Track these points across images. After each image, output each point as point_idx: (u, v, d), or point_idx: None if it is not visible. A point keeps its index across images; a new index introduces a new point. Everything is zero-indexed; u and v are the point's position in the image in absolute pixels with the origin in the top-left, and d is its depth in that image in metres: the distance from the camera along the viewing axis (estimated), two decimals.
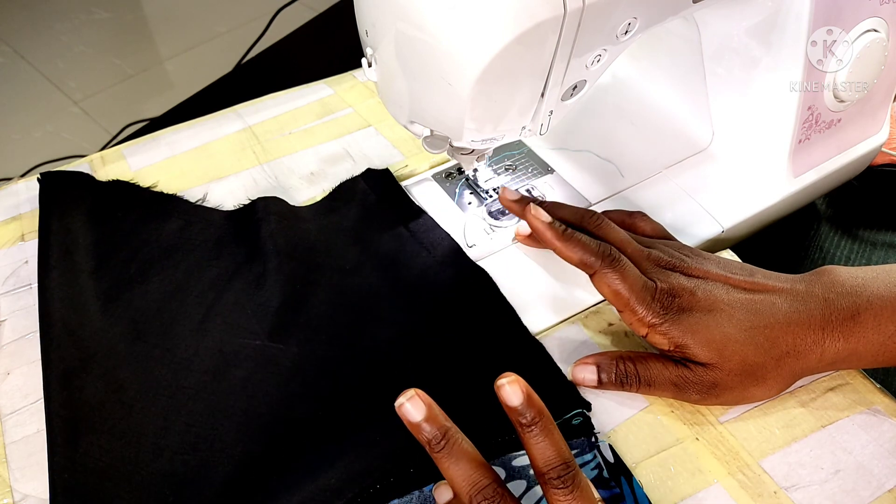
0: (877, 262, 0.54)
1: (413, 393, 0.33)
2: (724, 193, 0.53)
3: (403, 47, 0.39)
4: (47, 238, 0.49)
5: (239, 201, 0.53)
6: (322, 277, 0.47)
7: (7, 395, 0.42)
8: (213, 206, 0.53)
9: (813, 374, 0.40)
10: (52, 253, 0.48)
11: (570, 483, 0.31)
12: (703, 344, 0.38)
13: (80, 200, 0.52)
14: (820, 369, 0.40)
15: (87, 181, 0.54)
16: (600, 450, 0.38)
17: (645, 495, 0.36)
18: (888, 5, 0.50)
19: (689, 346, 0.38)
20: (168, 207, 0.52)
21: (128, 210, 0.52)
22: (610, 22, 0.39)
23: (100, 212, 0.51)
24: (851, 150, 0.57)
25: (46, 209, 0.51)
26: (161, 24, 1.83)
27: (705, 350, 0.38)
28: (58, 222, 0.50)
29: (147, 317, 0.45)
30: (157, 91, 1.62)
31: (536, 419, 0.32)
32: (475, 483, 0.31)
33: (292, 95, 0.64)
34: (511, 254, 0.50)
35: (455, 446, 0.32)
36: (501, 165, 0.56)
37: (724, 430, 0.40)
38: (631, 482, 0.37)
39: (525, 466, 0.37)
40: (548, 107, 0.42)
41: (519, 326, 0.44)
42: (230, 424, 0.40)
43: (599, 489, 0.36)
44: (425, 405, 0.32)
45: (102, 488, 0.37)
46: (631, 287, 0.39)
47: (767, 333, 0.38)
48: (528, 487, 0.36)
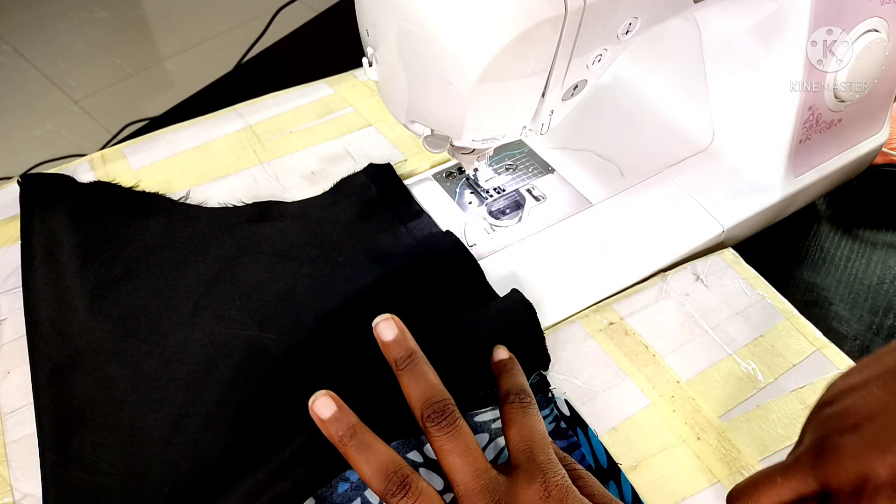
0: (877, 262, 0.54)
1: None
2: (725, 193, 0.53)
3: (404, 46, 0.39)
4: (30, 239, 0.49)
5: (239, 201, 0.54)
6: (314, 270, 0.48)
7: (7, 394, 0.42)
8: (197, 203, 0.53)
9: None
10: (35, 254, 0.48)
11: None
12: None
13: (61, 202, 0.52)
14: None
15: (68, 183, 0.54)
16: (557, 405, 0.40)
17: (600, 442, 0.39)
18: (888, 5, 0.50)
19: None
20: (151, 206, 0.53)
21: (111, 210, 0.52)
22: (611, 22, 0.39)
23: (82, 213, 0.51)
24: (852, 150, 0.57)
25: (28, 211, 0.51)
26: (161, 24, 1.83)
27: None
28: (40, 224, 0.50)
29: (134, 313, 0.45)
30: (158, 90, 1.62)
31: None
32: (430, 398, 0.33)
33: (292, 95, 0.64)
34: (511, 254, 0.50)
35: (416, 367, 0.34)
36: (502, 165, 0.56)
37: (725, 430, 0.40)
38: (587, 432, 0.39)
39: (487, 421, 0.39)
40: (548, 106, 0.42)
41: (494, 295, 0.45)
42: (224, 414, 0.40)
43: (557, 440, 0.39)
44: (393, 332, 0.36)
45: (96, 483, 0.37)
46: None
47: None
48: (490, 440, 0.38)
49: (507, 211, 0.52)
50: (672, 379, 0.42)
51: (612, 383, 0.42)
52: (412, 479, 0.32)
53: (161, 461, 0.38)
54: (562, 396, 0.41)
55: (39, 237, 0.49)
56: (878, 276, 0.53)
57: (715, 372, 0.43)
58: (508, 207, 0.53)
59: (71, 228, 0.50)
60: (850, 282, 0.52)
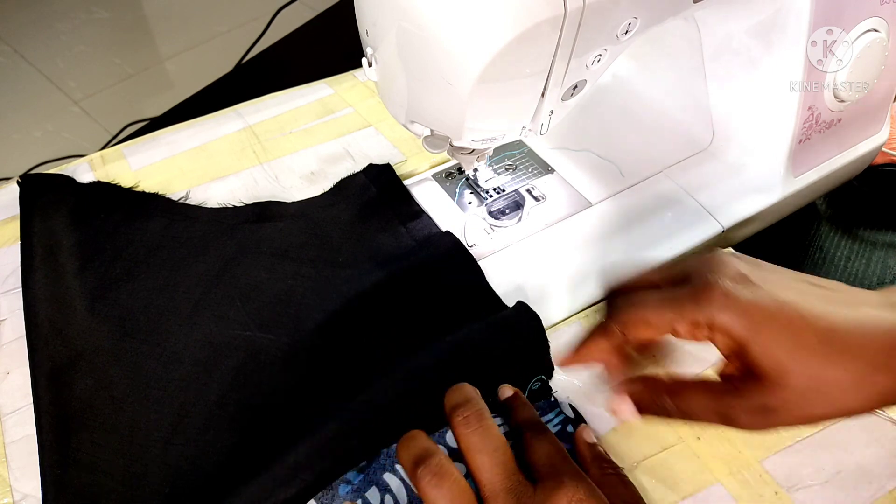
0: (877, 262, 0.54)
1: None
2: (725, 193, 0.53)
3: (403, 47, 0.39)
4: (30, 240, 0.49)
5: (239, 201, 0.54)
6: (314, 270, 0.48)
7: (7, 394, 0.42)
8: (196, 204, 0.53)
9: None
10: (35, 254, 0.48)
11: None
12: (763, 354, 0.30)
13: (61, 203, 0.52)
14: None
15: (67, 183, 0.54)
16: (561, 408, 0.40)
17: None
18: (888, 5, 0.50)
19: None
20: (150, 206, 0.53)
21: (110, 211, 0.52)
22: (610, 22, 0.39)
23: (82, 213, 0.51)
24: (851, 150, 0.57)
25: (27, 212, 0.51)
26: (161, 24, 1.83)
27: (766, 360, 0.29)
28: (40, 224, 0.50)
29: (134, 314, 0.45)
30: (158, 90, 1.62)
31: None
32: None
33: (292, 95, 0.64)
34: (511, 254, 0.50)
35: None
36: (501, 165, 0.56)
37: (725, 430, 0.39)
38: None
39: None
40: (548, 106, 0.42)
41: (501, 305, 0.45)
42: (224, 415, 0.40)
43: (565, 442, 0.38)
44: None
45: (96, 483, 0.37)
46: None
47: (848, 339, 0.29)
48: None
49: (507, 211, 0.52)
50: None
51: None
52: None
53: (161, 461, 0.38)
54: (566, 400, 0.41)
55: (39, 237, 0.49)
56: (878, 276, 0.53)
57: (715, 372, 0.42)
58: (508, 208, 0.53)
59: (71, 229, 0.50)
60: (850, 282, 0.52)
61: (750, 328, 0.29)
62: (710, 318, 0.30)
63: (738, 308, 0.29)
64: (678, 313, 0.30)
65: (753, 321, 0.29)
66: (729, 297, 0.29)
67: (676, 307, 0.31)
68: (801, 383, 0.29)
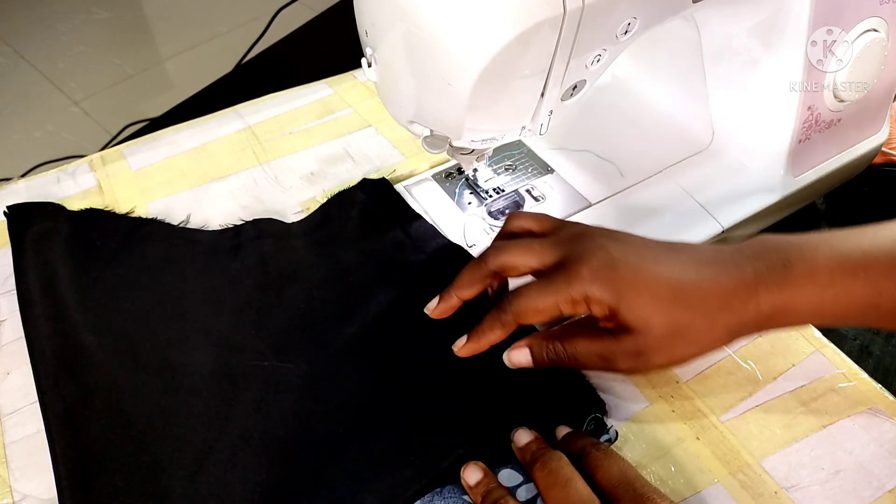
0: None
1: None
2: (725, 193, 0.53)
3: (403, 47, 0.39)
4: (24, 273, 0.47)
5: (239, 219, 0.52)
6: (326, 293, 0.47)
7: (7, 394, 0.42)
8: (196, 227, 0.52)
9: (754, 332, 0.38)
10: (32, 288, 0.46)
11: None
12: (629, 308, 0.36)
13: (54, 232, 0.50)
14: (759, 325, 0.37)
15: (58, 211, 0.52)
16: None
17: None
18: (888, 5, 0.50)
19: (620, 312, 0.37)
20: (148, 231, 0.51)
21: (106, 238, 0.50)
22: (610, 22, 0.39)
23: (78, 242, 0.49)
24: (851, 149, 0.57)
25: (19, 243, 0.49)
26: (161, 24, 1.84)
27: (631, 314, 0.36)
28: (34, 256, 0.48)
29: (143, 346, 0.43)
30: (157, 91, 1.62)
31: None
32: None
33: (292, 95, 0.64)
34: None
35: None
36: (501, 165, 0.56)
37: (724, 430, 0.40)
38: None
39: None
40: (548, 107, 0.42)
41: (532, 328, 0.44)
42: (249, 448, 0.39)
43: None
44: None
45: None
46: None
47: (695, 291, 0.36)
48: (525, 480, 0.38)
49: (507, 211, 0.52)
50: (672, 379, 0.42)
51: (613, 384, 0.42)
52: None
53: (188, 501, 0.37)
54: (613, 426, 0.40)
55: (35, 270, 0.47)
56: None
57: (715, 372, 0.43)
58: (508, 208, 0.53)
59: (66, 258, 0.48)
60: None
61: (615, 295, 0.36)
62: (583, 293, 0.37)
63: (604, 281, 0.36)
64: (559, 295, 0.37)
65: (617, 289, 0.36)
66: (596, 274, 0.37)
67: (556, 292, 0.37)
68: (662, 330, 0.36)
